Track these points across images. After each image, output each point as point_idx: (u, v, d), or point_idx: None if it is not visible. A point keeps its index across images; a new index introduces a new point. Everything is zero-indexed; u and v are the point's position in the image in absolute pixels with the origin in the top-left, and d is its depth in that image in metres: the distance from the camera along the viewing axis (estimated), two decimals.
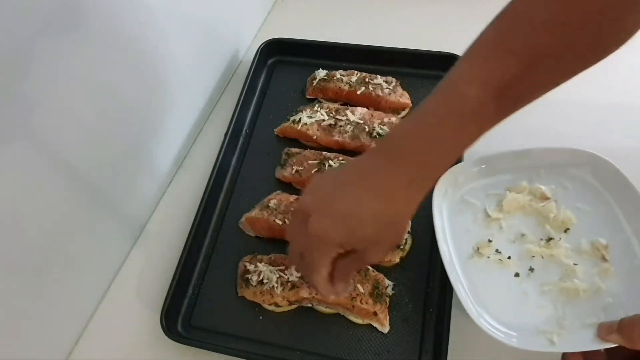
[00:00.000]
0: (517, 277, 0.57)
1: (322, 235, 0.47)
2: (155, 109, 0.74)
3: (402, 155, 0.47)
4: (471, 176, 0.64)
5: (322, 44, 0.90)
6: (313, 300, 0.64)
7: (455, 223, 0.61)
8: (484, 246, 0.59)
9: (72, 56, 0.54)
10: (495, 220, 0.61)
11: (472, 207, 0.62)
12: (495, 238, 0.60)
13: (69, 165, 0.58)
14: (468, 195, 0.63)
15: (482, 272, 0.58)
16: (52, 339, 0.63)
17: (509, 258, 0.58)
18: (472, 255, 0.59)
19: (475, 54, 0.46)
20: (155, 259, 0.73)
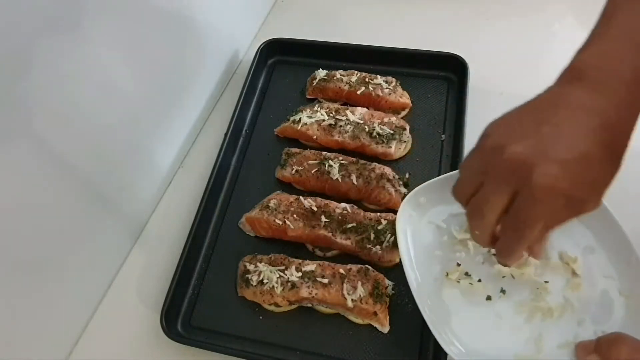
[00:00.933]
0: (489, 300, 0.57)
1: (554, 186, 0.40)
2: (155, 109, 0.74)
3: (614, 79, 0.41)
4: (434, 198, 0.62)
5: (322, 44, 0.90)
6: (313, 300, 0.64)
7: (422, 247, 0.60)
8: (453, 271, 0.58)
9: (72, 56, 0.54)
10: (462, 241, 0.60)
11: (438, 230, 0.61)
12: (464, 261, 0.59)
13: (69, 166, 0.58)
14: (433, 218, 0.62)
15: (452, 298, 0.57)
16: (52, 339, 0.63)
17: (479, 281, 0.58)
18: (441, 280, 0.58)
19: None
20: (155, 259, 0.73)
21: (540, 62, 0.88)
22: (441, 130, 0.79)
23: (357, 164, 0.73)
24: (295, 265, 0.65)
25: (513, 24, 0.93)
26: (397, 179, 0.73)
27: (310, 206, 0.70)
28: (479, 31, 0.93)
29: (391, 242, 0.66)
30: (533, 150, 0.41)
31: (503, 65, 0.86)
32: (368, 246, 0.66)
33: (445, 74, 0.85)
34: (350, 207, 0.69)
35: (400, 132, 0.76)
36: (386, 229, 0.66)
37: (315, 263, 0.66)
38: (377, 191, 0.71)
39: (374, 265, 0.66)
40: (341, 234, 0.67)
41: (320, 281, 0.63)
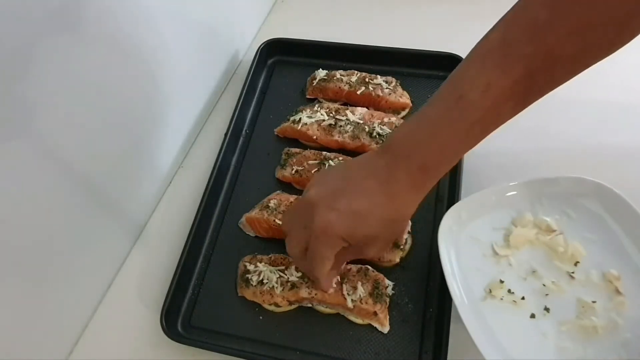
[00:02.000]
0: (533, 318, 0.56)
1: (327, 228, 0.48)
2: (155, 109, 0.74)
3: (405, 156, 0.49)
4: (474, 211, 0.62)
5: (322, 44, 0.90)
6: (313, 300, 0.64)
7: (464, 262, 0.59)
8: (496, 287, 0.57)
9: (72, 57, 0.54)
10: (504, 257, 0.60)
11: (479, 244, 0.61)
12: (507, 277, 0.58)
13: (69, 165, 0.58)
14: (473, 232, 0.61)
15: (496, 314, 0.56)
16: (52, 339, 0.63)
17: (523, 299, 0.57)
18: (484, 297, 0.57)
19: (481, 58, 0.47)
20: (155, 259, 0.73)
21: None
22: None
23: None
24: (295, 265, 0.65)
25: None
26: None
27: None
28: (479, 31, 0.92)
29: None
30: (323, 197, 0.50)
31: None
32: None
33: (445, 74, 0.83)
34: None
35: None
36: None
37: None
38: None
39: (374, 265, 0.66)
40: None
41: None
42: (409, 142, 0.50)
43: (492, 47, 0.47)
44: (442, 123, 0.48)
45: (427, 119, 0.50)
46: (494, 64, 0.46)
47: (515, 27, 0.46)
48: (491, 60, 0.46)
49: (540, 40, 0.43)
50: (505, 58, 0.45)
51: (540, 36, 0.43)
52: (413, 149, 0.49)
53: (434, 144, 0.49)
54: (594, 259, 0.58)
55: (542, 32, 0.43)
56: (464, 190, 0.70)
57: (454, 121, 0.48)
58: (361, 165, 0.52)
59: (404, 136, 0.51)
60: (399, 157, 0.49)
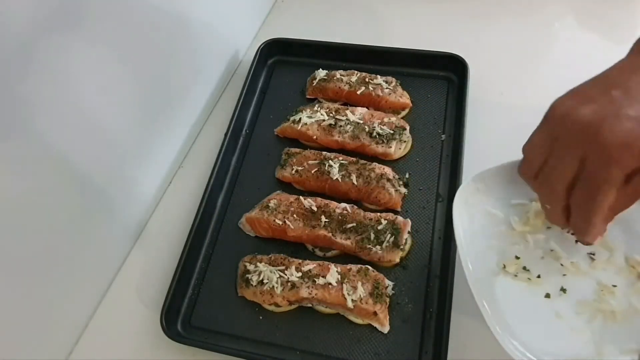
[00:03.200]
0: (547, 297, 0.53)
1: (625, 145, 0.38)
2: (155, 109, 0.74)
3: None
4: (493, 185, 0.58)
5: (322, 44, 0.90)
6: (313, 300, 0.64)
7: (478, 236, 0.56)
8: (511, 263, 0.55)
9: (72, 57, 0.54)
10: (521, 234, 0.57)
11: (496, 219, 0.58)
12: (523, 254, 0.55)
13: (69, 165, 0.58)
14: (490, 206, 0.58)
15: (509, 291, 0.53)
16: (52, 339, 0.63)
17: (539, 277, 0.54)
18: (497, 273, 0.55)
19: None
20: (155, 259, 0.73)
21: (540, 62, 0.88)
22: (441, 130, 0.79)
23: (357, 164, 0.73)
24: (295, 265, 0.65)
25: (513, 24, 0.93)
26: (397, 179, 0.73)
27: (310, 206, 0.70)
28: (479, 31, 0.93)
29: (391, 242, 0.66)
30: (603, 110, 0.40)
31: (503, 65, 0.86)
32: (368, 246, 0.66)
33: (445, 74, 0.85)
34: (350, 207, 0.69)
35: (400, 132, 0.76)
36: (386, 229, 0.66)
37: (315, 263, 0.66)
38: (377, 191, 0.71)
39: (374, 265, 0.66)
40: (341, 234, 0.67)
41: (320, 281, 0.63)
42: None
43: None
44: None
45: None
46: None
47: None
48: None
49: None
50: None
51: None
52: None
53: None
54: (617, 242, 0.55)
55: None
56: None
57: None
58: (625, 69, 0.42)
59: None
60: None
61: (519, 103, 0.82)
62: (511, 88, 0.83)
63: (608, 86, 0.41)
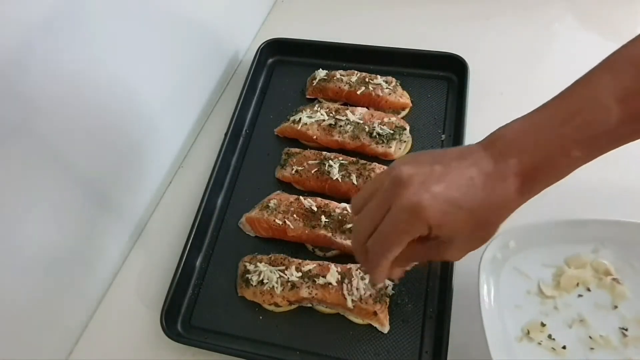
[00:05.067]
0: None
1: (417, 210, 0.43)
2: (156, 108, 0.74)
3: (517, 152, 0.44)
4: (525, 242, 0.56)
5: (322, 44, 0.90)
6: (313, 300, 0.64)
7: (504, 295, 0.54)
8: (536, 329, 0.52)
9: (72, 57, 0.54)
10: (551, 298, 0.54)
11: (525, 279, 0.55)
12: (549, 320, 0.53)
13: (69, 166, 0.58)
14: (520, 265, 0.56)
15: (530, 358, 0.51)
16: (52, 339, 0.63)
17: (564, 348, 0.51)
18: (520, 338, 0.53)
19: (617, 66, 0.44)
20: (155, 259, 0.73)
21: (540, 62, 0.88)
22: (441, 130, 0.79)
23: (357, 164, 0.73)
24: (295, 265, 0.65)
25: (513, 24, 0.93)
26: None
27: (310, 206, 0.70)
28: (479, 31, 0.93)
29: None
30: (417, 176, 0.44)
31: (503, 65, 0.86)
32: None
33: (445, 74, 0.85)
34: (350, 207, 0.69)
35: (401, 132, 0.76)
36: None
37: (315, 263, 0.66)
38: None
39: None
40: (341, 234, 0.67)
41: (320, 281, 0.63)
42: (524, 139, 0.45)
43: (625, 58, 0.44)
44: (568, 125, 0.43)
45: (548, 118, 0.45)
46: (630, 74, 0.42)
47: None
48: (627, 69, 0.43)
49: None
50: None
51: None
52: (528, 146, 0.44)
53: (551, 144, 0.43)
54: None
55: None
56: None
57: (584, 127, 0.42)
58: (462, 154, 0.46)
59: (517, 131, 0.46)
60: (508, 152, 0.44)
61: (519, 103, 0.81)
62: (511, 88, 0.83)
63: (437, 159, 0.45)
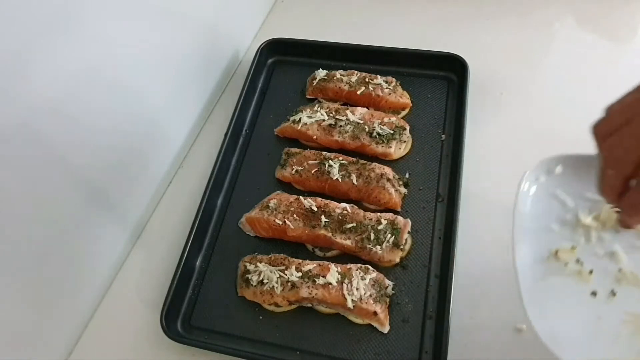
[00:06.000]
0: (593, 296, 0.49)
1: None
2: (156, 108, 0.74)
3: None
4: (571, 170, 0.54)
5: (322, 44, 0.90)
6: (313, 300, 0.64)
7: (538, 216, 0.53)
8: (565, 252, 0.51)
9: (72, 57, 0.54)
10: (585, 227, 0.53)
11: (563, 206, 0.54)
12: (581, 247, 0.52)
13: (70, 166, 0.58)
14: (562, 192, 0.54)
15: (553, 279, 0.50)
16: (52, 339, 0.63)
17: (590, 273, 0.50)
18: (547, 258, 0.52)
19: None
20: (155, 259, 0.73)
21: (540, 62, 0.88)
22: (441, 130, 0.79)
23: (357, 164, 0.73)
24: (295, 265, 0.65)
25: (513, 24, 0.93)
26: (397, 179, 0.73)
27: (310, 206, 0.70)
28: (479, 31, 0.93)
29: (391, 242, 0.66)
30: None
31: (503, 65, 0.86)
32: (368, 246, 0.66)
33: (445, 74, 0.85)
34: (350, 207, 0.69)
35: (400, 132, 0.76)
36: (386, 229, 0.66)
37: (315, 263, 0.66)
38: (377, 191, 0.71)
39: (374, 265, 0.66)
40: (341, 234, 0.67)
41: (320, 281, 0.63)
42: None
43: None
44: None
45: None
46: None
47: None
48: None
49: None
50: None
51: None
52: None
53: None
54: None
55: None
56: (463, 190, 0.70)
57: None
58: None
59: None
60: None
61: (519, 103, 0.82)
62: (511, 88, 0.83)
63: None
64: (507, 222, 0.56)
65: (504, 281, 0.66)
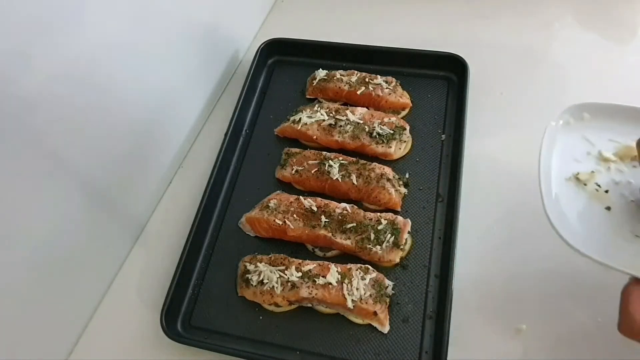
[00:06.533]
0: (608, 210, 0.56)
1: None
2: (156, 109, 0.74)
3: None
4: (599, 118, 0.61)
5: (322, 44, 0.90)
6: (313, 300, 0.64)
7: (565, 150, 0.60)
8: (585, 175, 0.58)
9: (72, 57, 0.54)
10: (606, 161, 0.59)
11: (588, 145, 0.61)
12: (600, 174, 0.58)
13: (69, 166, 0.58)
14: (589, 134, 0.61)
15: (573, 195, 0.57)
16: (52, 339, 0.63)
17: (607, 192, 0.57)
18: (569, 178, 0.58)
19: None
20: (155, 259, 0.73)
21: (540, 62, 0.88)
22: (441, 130, 0.79)
23: (357, 164, 0.73)
24: (295, 265, 0.65)
25: (513, 24, 0.93)
26: (397, 179, 0.73)
27: (310, 206, 0.70)
28: (479, 31, 0.93)
29: (391, 242, 0.66)
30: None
31: (503, 65, 0.87)
32: (368, 246, 0.66)
33: (445, 74, 0.85)
34: (350, 207, 0.69)
35: (400, 132, 0.76)
36: (386, 229, 0.66)
37: (315, 263, 0.66)
38: (377, 191, 0.71)
39: (374, 265, 0.66)
40: (341, 234, 0.67)
41: (320, 281, 0.63)
42: None
43: None
44: None
45: None
46: None
47: None
48: None
49: None
50: None
51: None
52: None
53: None
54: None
55: None
56: (463, 190, 0.70)
57: None
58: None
59: None
60: None
61: (519, 103, 0.82)
62: (511, 88, 0.83)
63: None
64: (507, 222, 0.57)
65: (504, 281, 0.66)
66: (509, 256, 0.67)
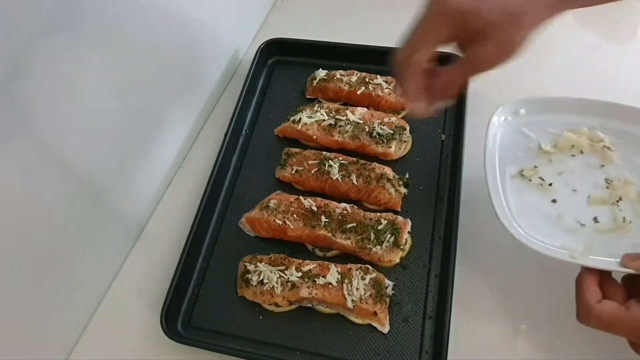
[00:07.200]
0: (554, 202, 0.60)
1: (446, 11, 0.46)
2: (156, 109, 0.74)
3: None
4: (534, 112, 0.65)
5: (322, 44, 0.90)
6: (313, 300, 0.64)
7: (506, 148, 0.63)
8: (529, 170, 0.61)
9: (72, 57, 0.54)
10: (546, 153, 0.63)
11: (527, 139, 0.65)
12: (543, 167, 0.62)
13: (70, 166, 0.58)
14: (526, 128, 0.65)
15: (520, 191, 0.60)
16: (52, 339, 0.63)
17: (550, 185, 0.60)
18: (514, 176, 0.62)
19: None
20: (155, 259, 0.73)
21: (540, 61, 0.88)
22: (441, 130, 0.79)
23: (357, 164, 0.73)
24: (295, 265, 0.65)
25: None
26: (397, 179, 0.73)
27: (310, 206, 0.70)
28: None
29: (391, 242, 0.66)
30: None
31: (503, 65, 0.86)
32: (368, 246, 0.66)
33: None
34: (350, 207, 0.69)
35: (401, 132, 0.76)
36: (386, 229, 0.66)
37: (315, 263, 0.66)
38: (377, 191, 0.71)
39: (374, 265, 0.66)
40: (341, 234, 0.67)
41: (320, 281, 0.63)
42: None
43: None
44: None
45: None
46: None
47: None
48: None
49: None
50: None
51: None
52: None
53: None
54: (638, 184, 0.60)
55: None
56: (464, 190, 0.70)
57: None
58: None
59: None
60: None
61: None
62: (511, 88, 0.83)
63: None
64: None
65: (504, 281, 0.66)
66: (509, 256, 0.67)
